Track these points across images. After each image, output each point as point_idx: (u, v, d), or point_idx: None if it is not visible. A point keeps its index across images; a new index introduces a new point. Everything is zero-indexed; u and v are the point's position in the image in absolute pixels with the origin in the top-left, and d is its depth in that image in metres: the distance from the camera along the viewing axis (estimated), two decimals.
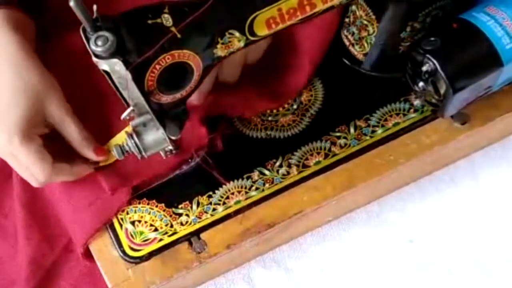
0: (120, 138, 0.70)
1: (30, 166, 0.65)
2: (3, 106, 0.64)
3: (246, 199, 0.71)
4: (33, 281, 0.72)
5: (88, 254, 0.71)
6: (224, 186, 0.71)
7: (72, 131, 0.67)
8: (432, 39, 0.66)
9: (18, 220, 0.75)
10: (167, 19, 0.56)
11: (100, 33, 0.53)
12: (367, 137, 0.73)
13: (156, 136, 0.62)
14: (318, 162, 0.72)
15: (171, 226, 0.70)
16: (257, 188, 0.71)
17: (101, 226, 0.70)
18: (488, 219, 0.77)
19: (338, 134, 0.74)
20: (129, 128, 0.64)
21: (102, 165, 0.71)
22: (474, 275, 0.74)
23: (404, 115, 0.74)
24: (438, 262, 0.75)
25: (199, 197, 0.71)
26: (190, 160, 0.72)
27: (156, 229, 0.70)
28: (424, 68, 0.67)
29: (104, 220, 0.70)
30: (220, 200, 0.71)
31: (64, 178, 0.69)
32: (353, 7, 0.72)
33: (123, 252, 0.69)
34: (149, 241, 0.69)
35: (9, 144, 0.63)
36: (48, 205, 0.75)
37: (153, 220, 0.70)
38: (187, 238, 0.69)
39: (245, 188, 0.71)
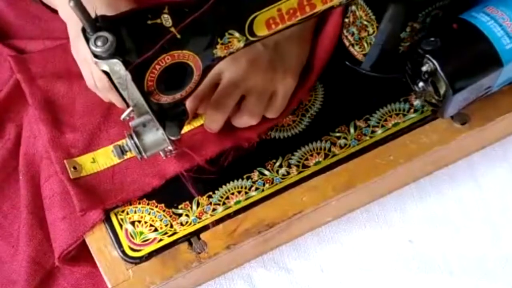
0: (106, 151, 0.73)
1: None
2: None
3: (246, 199, 0.71)
4: (33, 281, 0.72)
5: (67, 261, 0.71)
6: (223, 186, 0.71)
7: None
8: (432, 39, 0.66)
9: (21, 219, 0.75)
10: (166, 20, 0.56)
11: (100, 33, 0.53)
12: (367, 137, 0.73)
13: (156, 137, 0.62)
14: (318, 162, 0.72)
15: (171, 226, 0.70)
16: (257, 188, 0.71)
17: (74, 242, 0.69)
18: (488, 219, 0.77)
19: (338, 134, 0.74)
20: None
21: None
22: (474, 275, 0.74)
23: (404, 115, 0.74)
24: (438, 262, 0.75)
25: (199, 197, 0.71)
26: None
27: (156, 230, 0.70)
28: (424, 68, 0.67)
29: (77, 236, 0.69)
30: (220, 200, 0.71)
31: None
32: (353, 8, 0.72)
33: (123, 252, 0.69)
34: (149, 241, 0.69)
35: None
36: None
37: (153, 221, 0.70)
38: (187, 238, 0.69)
39: (245, 188, 0.71)
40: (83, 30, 0.54)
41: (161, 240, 0.69)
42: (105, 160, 0.73)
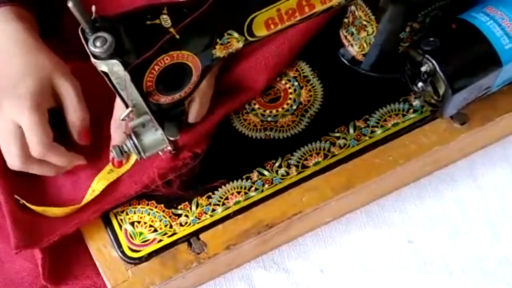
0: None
1: (31, 136, 0.66)
2: (16, 79, 0.68)
3: (246, 199, 0.71)
4: (38, 283, 0.72)
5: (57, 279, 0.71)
6: (223, 186, 0.71)
7: (72, 98, 0.70)
8: (431, 39, 0.66)
9: None
10: (165, 20, 0.56)
11: (99, 34, 0.53)
12: (367, 138, 0.73)
13: (155, 137, 0.62)
14: (318, 163, 0.72)
15: (171, 226, 0.70)
16: (256, 189, 0.71)
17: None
18: (488, 219, 0.77)
19: (337, 134, 0.74)
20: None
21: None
22: (474, 276, 0.74)
23: (404, 115, 0.74)
24: (438, 262, 0.75)
25: (199, 197, 0.71)
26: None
27: (155, 230, 0.70)
28: (423, 69, 0.67)
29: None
30: (219, 201, 0.71)
31: (55, 159, 0.69)
32: (352, 8, 0.72)
33: (123, 253, 0.69)
34: (149, 241, 0.69)
35: (19, 111, 0.66)
36: None
37: (152, 221, 0.70)
38: (187, 238, 0.69)
39: (245, 188, 0.71)
40: (82, 31, 0.54)
41: (160, 240, 0.69)
42: (56, 212, 0.71)
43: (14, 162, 0.68)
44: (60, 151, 0.69)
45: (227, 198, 0.71)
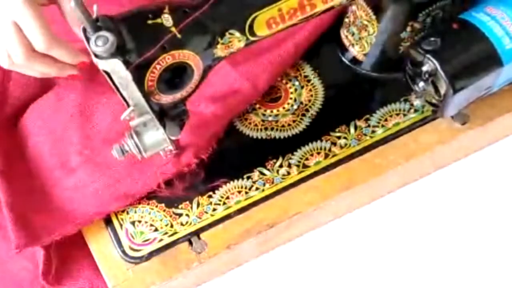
0: None
1: (33, 30, 0.64)
2: None
3: (246, 199, 0.71)
4: (38, 284, 0.72)
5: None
6: (224, 186, 0.71)
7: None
8: (432, 39, 0.66)
9: None
10: (167, 19, 0.56)
11: (100, 33, 0.53)
12: (367, 137, 0.73)
13: (156, 136, 0.62)
14: (318, 162, 0.72)
15: (171, 226, 0.70)
16: (257, 188, 0.71)
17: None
18: (489, 220, 0.77)
19: (338, 134, 0.74)
20: None
21: None
22: (473, 275, 0.74)
23: (404, 115, 0.74)
24: (438, 262, 0.75)
25: (199, 197, 0.71)
26: None
27: (156, 229, 0.70)
28: (424, 68, 0.67)
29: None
30: (220, 200, 0.71)
31: (59, 53, 0.67)
32: (353, 7, 0.73)
33: (123, 252, 0.69)
34: (149, 241, 0.69)
35: (14, 7, 0.63)
36: None
37: (153, 220, 0.70)
38: (187, 238, 0.69)
39: (245, 188, 0.71)
40: (84, 30, 0.54)
41: (161, 240, 0.69)
42: None
43: (17, 60, 0.65)
44: (64, 44, 0.66)
45: (228, 198, 0.71)
